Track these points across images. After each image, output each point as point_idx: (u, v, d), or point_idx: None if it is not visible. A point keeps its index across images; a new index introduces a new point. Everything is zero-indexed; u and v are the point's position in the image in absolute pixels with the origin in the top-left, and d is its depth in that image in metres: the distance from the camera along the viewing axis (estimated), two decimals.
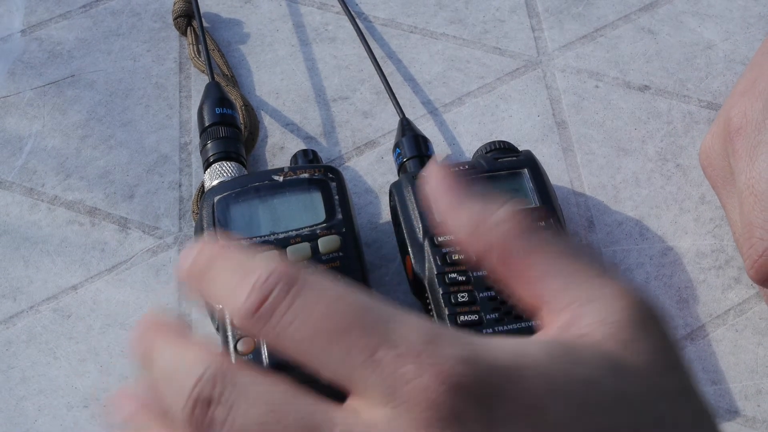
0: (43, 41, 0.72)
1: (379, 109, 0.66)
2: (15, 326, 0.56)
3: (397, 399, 0.28)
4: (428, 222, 0.54)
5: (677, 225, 0.58)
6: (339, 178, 0.56)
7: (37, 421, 0.52)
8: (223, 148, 0.60)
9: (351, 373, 0.29)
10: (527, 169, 0.57)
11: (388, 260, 0.58)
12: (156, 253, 0.60)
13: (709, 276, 0.56)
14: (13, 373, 0.54)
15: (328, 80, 0.68)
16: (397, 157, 0.60)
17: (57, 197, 0.63)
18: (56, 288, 0.58)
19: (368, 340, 0.29)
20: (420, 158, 0.59)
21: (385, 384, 0.29)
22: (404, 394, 0.28)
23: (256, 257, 0.32)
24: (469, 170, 0.57)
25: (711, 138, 0.56)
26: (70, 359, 0.55)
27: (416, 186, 0.56)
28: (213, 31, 0.72)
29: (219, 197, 0.56)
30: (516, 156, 0.58)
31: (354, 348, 0.29)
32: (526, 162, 0.57)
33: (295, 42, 0.71)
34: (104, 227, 0.61)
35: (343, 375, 0.30)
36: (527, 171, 0.57)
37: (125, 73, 0.70)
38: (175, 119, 0.67)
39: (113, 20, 0.73)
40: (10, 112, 0.68)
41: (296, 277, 0.31)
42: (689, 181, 0.61)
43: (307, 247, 0.53)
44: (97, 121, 0.67)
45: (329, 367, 0.30)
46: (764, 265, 0.49)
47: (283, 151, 0.64)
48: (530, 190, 0.56)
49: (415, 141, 0.60)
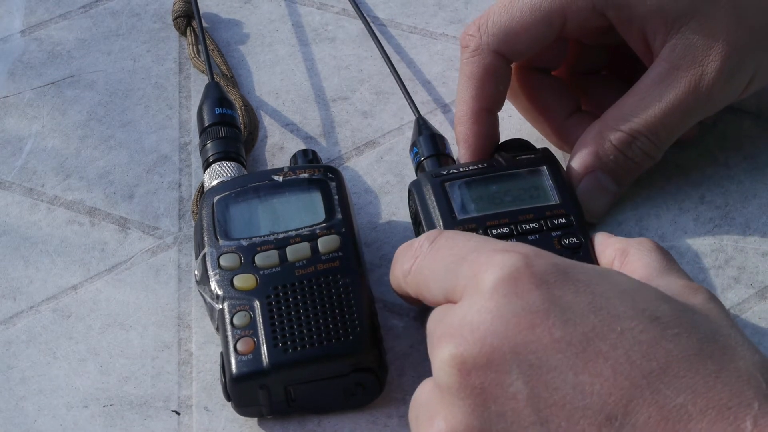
0: (42, 41, 0.72)
1: (378, 110, 0.66)
2: (15, 326, 0.57)
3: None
4: (448, 221, 0.54)
5: (677, 225, 0.58)
6: (338, 178, 0.56)
7: (37, 421, 0.52)
8: (222, 148, 0.60)
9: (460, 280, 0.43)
10: (546, 167, 0.57)
11: (388, 260, 0.58)
12: (156, 253, 0.60)
13: (709, 276, 0.56)
14: (12, 373, 0.54)
15: (328, 80, 0.68)
16: (414, 157, 0.60)
17: (57, 197, 0.63)
18: (56, 288, 0.58)
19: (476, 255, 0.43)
20: (438, 157, 0.59)
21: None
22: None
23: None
24: (488, 169, 0.57)
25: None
26: (69, 359, 0.55)
27: (435, 184, 0.56)
28: (213, 32, 0.72)
29: (219, 197, 0.56)
30: (534, 154, 0.58)
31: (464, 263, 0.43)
32: (545, 159, 0.57)
33: (294, 42, 0.71)
34: (104, 227, 0.61)
35: (449, 284, 0.44)
36: (546, 168, 0.57)
37: (125, 74, 0.70)
38: (174, 119, 0.67)
39: (113, 21, 0.73)
40: (10, 113, 0.68)
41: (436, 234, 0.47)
42: (689, 181, 0.61)
43: (307, 247, 0.53)
44: (96, 122, 0.67)
45: (444, 283, 0.44)
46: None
47: (282, 151, 0.64)
48: (550, 188, 0.56)
49: (432, 140, 0.59)
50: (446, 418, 0.40)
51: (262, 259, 0.52)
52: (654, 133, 0.56)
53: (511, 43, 0.58)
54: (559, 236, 0.54)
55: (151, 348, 0.55)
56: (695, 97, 0.56)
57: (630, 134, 0.56)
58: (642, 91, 0.56)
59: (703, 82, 0.55)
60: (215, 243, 0.54)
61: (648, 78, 0.56)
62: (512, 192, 0.56)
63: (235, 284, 0.52)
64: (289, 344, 0.49)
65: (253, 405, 0.50)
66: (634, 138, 0.56)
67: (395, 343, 0.54)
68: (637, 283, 0.43)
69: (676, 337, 0.39)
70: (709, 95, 0.56)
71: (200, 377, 0.54)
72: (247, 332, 0.50)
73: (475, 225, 0.54)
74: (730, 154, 0.62)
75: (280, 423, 0.51)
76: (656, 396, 0.38)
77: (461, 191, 0.56)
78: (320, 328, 0.50)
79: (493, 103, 0.59)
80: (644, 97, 0.56)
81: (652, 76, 0.56)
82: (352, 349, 0.50)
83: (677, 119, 0.56)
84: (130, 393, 0.53)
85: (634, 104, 0.56)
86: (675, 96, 0.55)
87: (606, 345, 0.39)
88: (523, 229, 0.54)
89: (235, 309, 0.51)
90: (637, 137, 0.56)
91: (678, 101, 0.56)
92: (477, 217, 0.54)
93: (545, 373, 0.39)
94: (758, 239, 0.58)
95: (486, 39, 0.58)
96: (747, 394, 0.38)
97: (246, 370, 0.49)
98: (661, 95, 0.56)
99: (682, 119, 0.56)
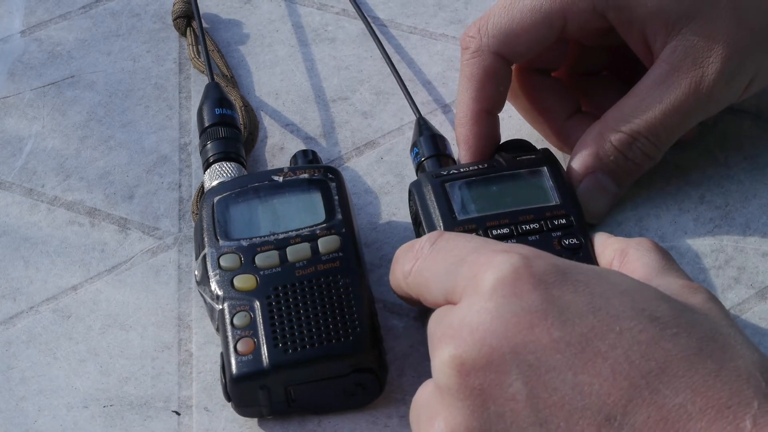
0: (42, 42, 0.72)
1: (378, 110, 0.66)
2: (15, 327, 0.57)
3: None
4: (449, 221, 0.54)
5: (677, 225, 0.58)
6: (338, 178, 0.56)
7: (37, 422, 0.52)
8: (222, 148, 0.60)
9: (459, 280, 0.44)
10: (547, 167, 0.57)
11: (388, 260, 0.58)
12: (156, 253, 0.60)
13: (709, 276, 0.56)
14: (12, 374, 0.54)
15: (328, 81, 0.68)
16: (415, 157, 0.60)
17: (57, 198, 0.63)
18: (56, 288, 0.58)
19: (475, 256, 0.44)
20: (438, 157, 0.59)
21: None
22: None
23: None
24: (488, 169, 0.57)
25: None
26: (69, 359, 0.55)
27: (436, 184, 0.56)
28: (212, 32, 0.72)
29: (219, 197, 0.56)
30: (534, 154, 0.58)
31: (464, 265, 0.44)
32: (546, 160, 0.57)
33: (294, 43, 0.71)
34: (104, 228, 0.61)
35: (449, 285, 0.44)
36: (547, 169, 0.57)
37: (125, 74, 0.70)
38: (174, 120, 0.67)
39: (113, 21, 0.73)
40: (10, 113, 0.68)
41: (436, 235, 0.47)
42: (689, 182, 0.61)
43: (307, 248, 0.53)
44: (96, 122, 0.67)
45: (444, 284, 0.44)
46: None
47: (282, 152, 0.64)
48: (550, 188, 0.56)
49: (433, 140, 0.59)
50: (446, 419, 0.41)
51: (262, 260, 0.52)
52: (654, 134, 0.56)
53: (511, 44, 0.58)
54: (560, 237, 0.54)
55: (151, 348, 0.55)
56: (695, 99, 0.56)
57: (630, 135, 0.56)
58: (642, 93, 0.56)
59: (704, 84, 0.55)
60: (215, 243, 0.54)
61: (648, 79, 0.57)
62: (512, 192, 0.56)
63: (236, 285, 0.52)
64: (290, 344, 0.49)
65: (253, 405, 0.50)
66: (635, 139, 0.56)
67: (395, 344, 0.54)
68: (637, 283, 0.43)
69: (675, 337, 0.39)
70: (709, 97, 0.56)
71: (200, 378, 0.54)
72: (248, 332, 0.50)
73: (476, 225, 0.54)
74: (730, 154, 0.62)
75: (280, 423, 0.51)
76: (655, 396, 0.38)
77: (461, 192, 0.56)
78: (320, 328, 0.50)
79: (494, 105, 0.59)
80: (644, 98, 0.56)
81: (653, 77, 0.56)
82: (352, 349, 0.50)
83: (677, 120, 0.56)
84: (130, 393, 0.53)
85: (634, 105, 0.56)
86: (675, 97, 0.56)
87: (605, 345, 0.39)
88: (524, 230, 0.54)
89: (236, 309, 0.51)
90: (638, 138, 0.56)
91: (678, 103, 0.56)
92: (477, 217, 0.54)
93: (544, 373, 0.39)
94: (758, 239, 0.58)
95: (486, 40, 0.58)
96: (746, 393, 0.38)
97: (246, 370, 0.49)
98: (662, 96, 0.56)
99: (682, 121, 0.56)
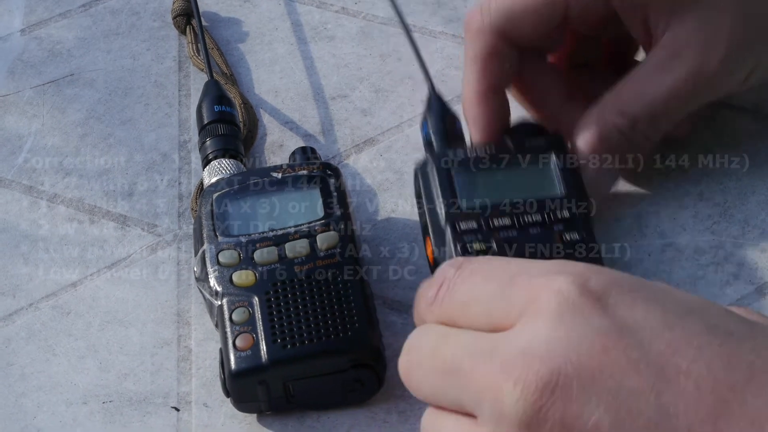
0: (42, 40, 0.72)
1: (378, 107, 0.67)
2: (14, 323, 0.57)
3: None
4: (452, 211, 0.54)
5: (676, 221, 0.59)
6: (337, 175, 0.57)
7: (36, 418, 0.52)
8: (221, 145, 0.60)
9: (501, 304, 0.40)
10: (554, 155, 0.56)
11: (387, 257, 0.58)
12: (155, 250, 0.60)
13: (708, 272, 0.56)
14: (12, 370, 0.54)
15: (327, 78, 0.68)
16: (426, 134, 0.59)
17: (56, 195, 0.63)
18: (55, 285, 0.58)
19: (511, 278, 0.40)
20: (447, 136, 0.58)
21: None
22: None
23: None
24: (495, 155, 0.56)
25: None
26: (69, 356, 0.55)
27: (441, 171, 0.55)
28: (212, 30, 0.72)
29: (218, 194, 0.56)
30: (546, 139, 0.57)
31: (503, 288, 0.40)
32: (555, 146, 0.56)
33: (293, 40, 0.71)
34: (103, 225, 0.61)
35: (498, 309, 0.40)
36: (554, 157, 0.56)
37: (124, 72, 0.70)
38: (174, 117, 0.67)
39: (113, 19, 0.73)
40: (10, 111, 0.68)
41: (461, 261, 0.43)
42: (688, 178, 0.61)
43: (306, 244, 0.53)
44: (96, 120, 0.67)
45: (490, 306, 0.40)
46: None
47: (282, 149, 0.64)
48: (557, 179, 0.55)
49: (443, 118, 0.58)
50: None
51: (261, 256, 0.52)
52: (654, 118, 0.56)
53: (514, 24, 0.57)
54: (561, 230, 0.53)
55: (150, 345, 0.55)
56: (695, 85, 0.56)
57: (630, 119, 0.56)
58: (642, 77, 0.56)
59: (704, 71, 0.55)
60: (214, 240, 0.54)
61: (649, 63, 0.56)
62: (518, 182, 0.55)
63: (234, 281, 0.52)
64: (288, 340, 0.50)
65: (252, 401, 0.50)
66: (635, 122, 0.56)
67: (394, 340, 0.54)
68: (701, 300, 0.41)
69: (754, 351, 0.37)
70: (709, 83, 0.56)
71: (199, 373, 0.54)
72: (246, 328, 0.50)
73: (479, 215, 0.54)
74: (728, 150, 0.62)
75: (279, 419, 0.51)
76: (744, 408, 0.36)
77: (466, 179, 0.55)
78: (319, 324, 0.50)
79: (499, 82, 0.58)
80: (645, 82, 0.56)
81: (654, 61, 0.56)
82: (350, 345, 0.50)
83: (676, 106, 0.56)
84: (129, 389, 0.53)
85: (634, 89, 0.56)
86: (675, 83, 0.56)
87: (685, 361, 0.37)
88: (526, 222, 0.53)
89: (234, 305, 0.51)
90: (637, 121, 0.56)
91: (677, 88, 0.56)
92: (481, 206, 0.54)
93: (626, 397, 0.37)
94: (757, 236, 0.58)
95: (489, 19, 0.57)
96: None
97: (245, 365, 0.49)
98: (662, 81, 0.56)
99: (681, 106, 0.56)
